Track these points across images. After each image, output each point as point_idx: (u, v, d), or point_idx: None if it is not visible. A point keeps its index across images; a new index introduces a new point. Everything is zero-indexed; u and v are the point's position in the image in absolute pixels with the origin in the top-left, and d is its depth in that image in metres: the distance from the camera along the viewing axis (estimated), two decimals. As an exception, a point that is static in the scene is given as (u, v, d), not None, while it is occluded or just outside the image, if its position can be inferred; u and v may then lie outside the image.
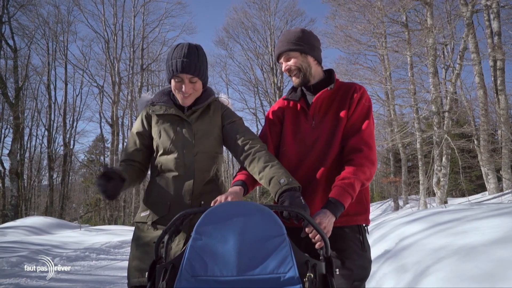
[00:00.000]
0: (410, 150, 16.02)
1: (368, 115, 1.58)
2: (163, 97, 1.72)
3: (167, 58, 1.63)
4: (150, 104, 1.73)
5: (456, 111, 10.63)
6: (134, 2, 22.48)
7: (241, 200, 1.40)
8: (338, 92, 1.64)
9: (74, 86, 24.48)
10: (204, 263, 1.07)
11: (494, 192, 9.76)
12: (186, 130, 1.64)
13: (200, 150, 1.63)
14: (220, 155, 1.74)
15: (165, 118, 1.68)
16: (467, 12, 8.87)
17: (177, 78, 1.60)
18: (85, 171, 28.14)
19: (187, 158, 1.61)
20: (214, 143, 1.68)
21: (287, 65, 1.66)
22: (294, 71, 1.66)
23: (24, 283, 4.40)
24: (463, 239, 2.68)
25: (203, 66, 1.62)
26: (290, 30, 1.71)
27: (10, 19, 16.17)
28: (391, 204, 15.84)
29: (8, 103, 16.03)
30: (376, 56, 16.43)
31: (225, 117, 1.72)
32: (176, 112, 1.66)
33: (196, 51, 1.60)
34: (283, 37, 1.70)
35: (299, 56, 1.64)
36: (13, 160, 15.43)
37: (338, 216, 1.36)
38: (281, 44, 1.67)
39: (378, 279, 2.95)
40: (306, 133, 1.61)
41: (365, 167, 1.46)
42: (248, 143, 1.57)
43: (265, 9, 24.08)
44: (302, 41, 1.64)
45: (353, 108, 1.58)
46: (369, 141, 1.53)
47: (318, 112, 1.62)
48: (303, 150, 1.59)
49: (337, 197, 1.38)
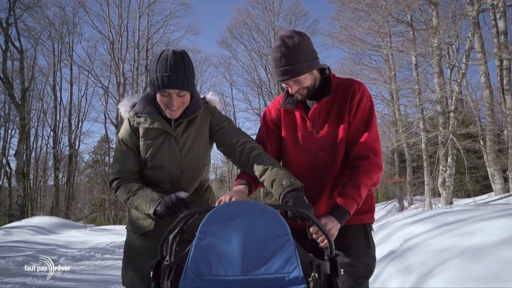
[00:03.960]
0: (415, 150, 15.91)
1: (370, 116, 1.52)
2: (147, 107, 1.59)
3: (150, 70, 1.49)
4: (134, 114, 1.61)
5: (461, 111, 10.55)
6: (139, 3, 22.57)
7: (246, 200, 1.40)
8: (336, 95, 1.55)
9: (80, 87, 24.82)
10: (208, 263, 1.06)
11: (500, 193, 9.67)
12: (172, 145, 1.59)
13: (186, 165, 1.61)
14: (207, 166, 1.72)
15: (151, 132, 1.59)
16: (473, 11, 8.79)
17: (164, 93, 1.48)
18: (90, 172, 28.28)
19: (174, 173, 1.60)
20: (201, 156, 1.65)
21: (298, 88, 1.51)
22: (304, 90, 1.53)
23: (30, 282, 4.44)
24: (469, 240, 2.66)
25: (190, 77, 1.49)
26: (287, 45, 1.44)
27: (16, 20, 16.33)
28: (396, 205, 15.74)
29: (14, 104, 16.19)
30: (381, 56, 16.39)
31: (214, 124, 1.65)
32: (162, 126, 1.57)
33: (181, 60, 1.46)
34: (284, 59, 1.44)
35: (308, 76, 1.50)
36: (19, 161, 15.56)
37: (343, 223, 1.37)
38: (285, 71, 1.44)
39: (383, 280, 2.93)
40: (308, 141, 1.56)
41: (372, 174, 1.44)
42: (245, 147, 1.52)
43: (269, 9, 24.08)
44: (307, 56, 1.46)
45: (354, 111, 1.51)
46: (375, 146, 1.49)
47: (318, 120, 1.55)
48: (308, 160, 1.55)
49: (343, 204, 1.38)
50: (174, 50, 1.48)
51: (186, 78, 1.47)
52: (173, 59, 1.44)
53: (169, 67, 1.43)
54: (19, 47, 16.74)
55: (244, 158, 1.51)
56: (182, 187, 1.60)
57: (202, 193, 1.73)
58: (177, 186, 1.60)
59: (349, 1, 12.42)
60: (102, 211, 22.61)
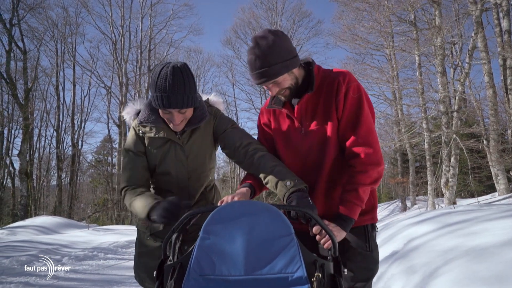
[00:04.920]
0: (418, 150, 15.87)
1: (360, 109, 1.40)
2: (151, 116, 1.58)
3: (151, 86, 1.47)
4: (139, 123, 1.61)
5: (465, 111, 10.51)
6: (142, 4, 22.64)
7: (249, 200, 1.40)
8: (322, 90, 1.46)
9: (82, 87, 24.83)
10: (212, 262, 1.06)
11: (504, 193, 9.61)
12: (178, 152, 1.61)
13: (193, 171, 1.64)
14: (212, 169, 1.75)
15: (156, 141, 1.61)
16: (476, 10, 8.75)
17: (165, 111, 1.49)
18: (93, 172, 28.39)
19: (181, 180, 1.63)
20: (206, 161, 1.68)
21: (278, 90, 1.44)
22: (285, 91, 1.46)
23: (34, 281, 4.45)
24: (474, 240, 2.64)
25: (191, 93, 1.46)
26: (261, 46, 1.36)
27: (20, 21, 16.41)
28: (398, 205, 15.70)
29: (18, 104, 16.26)
30: (384, 56, 16.35)
31: (217, 128, 1.66)
32: (167, 135, 1.59)
33: (181, 78, 1.42)
34: (258, 61, 1.37)
35: (287, 76, 1.42)
36: (22, 161, 15.64)
37: (348, 230, 1.35)
38: (261, 73, 1.38)
39: (386, 280, 2.92)
40: (297, 142, 1.50)
41: (369, 171, 1.37)
42: (248, 150, 1.53)
43: (272, 10, 24.09)
44: (283, 56, 1.38)
45: (341, 106, 1.41)
46: (369, 140, 1.38)
47: (305, 117, 1.48)
48: (298, 160, 1.51)
49: (344, 212, 1.35)
50: (174, 65, 1.44)
51: (186, 96, 1.44)
52: (172, 78, 1.41)
53: (168, 87, 1.41)
54: (23, 47, 16.82)
55: (248, 160, 1.51)
56: (190, 192, 1.65)
57: (207, 193, 1.76)
58: (185, 191, 1.64)
59: (352, 1, 12.40)
60: (105, 211, 22.68)
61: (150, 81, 1.51)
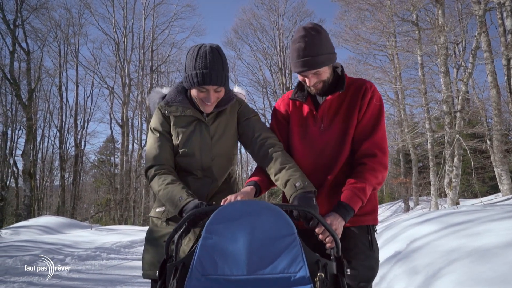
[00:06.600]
0: (421, 150, 15.80)
1: (380, 116, 1.52)
2: (178, 96, 1.63)
3: (188, 65, 1.51)
4: (165, 104, 1.64)
5: (468, 111, 10.46)
6: (145, 5, 22.71)
7: (251, 199, 1.39)
8: (347, 92, 1.55)
9: (85, 87, 25.03)
10: (214, 262, 1.06)
11: (508, 194, 9.55)
12: (204, 132, 1.61)
13: (217, 153, 1.62)
14: (235, 156, 1.74)
15: (182, 120, 1.62)
16: (479, 10, 8.71)
17: (202, 89, 1.51)
18: (96, 172, 28.48)
19: (205, 161, 1.61)
20: (231, 144, 1.67)
21: (315, 81, 1.50)
22: (320, 83, 1.52)
23: (37, 281, 4.48)
24: (477, 241, 2.63)
25: (227, 72, 1.53)
26: (311, 36, 1.44)
27: (23, 22, 16.51)
28: (401, 205, 15.64)
29: (21, 104, 16.35)
30: (386, 56, 16.31)
31: (241, 114, 1.68)
32: (193, 113, 1.60)
33: (219, 57, 1.49)
34: (306, 49, 1.43)
35: (327, 69, 1.51)
36: (26, 161, 15.72)
37: (347, 220, 1.35)
38: (306, 61, 1.43)
39: (389, 281, 2.91)
40: (314, 136, 1.55)
41: (378, 172, 1.44)
42: (265, 142, 1.54)
43: (274, 10, 24.08)
44: (329, 49, 1.47)
45: (364, 109, 1.51)
46: (383, 144, 1.49)
47: (327, 115, 1.55)
48: (312, 155, 1.54)
49: (347, 201, 1.36)
50: (211, 45, 1.51)
51: (224, 74, 1.51)
52: (211, 55, 1.48)
53: (210, 64, 1.46)
54: (26, 48, 16.93)
55: (263, 153, 1.52)
56: (213, 174, 1.62)
57: (231, 184, 1.74)
58: (209, 173, 1.62)
59: (354, 1, 12.37)
60: (107, 211, 22.74)
61: (186, 61, 1.54)
